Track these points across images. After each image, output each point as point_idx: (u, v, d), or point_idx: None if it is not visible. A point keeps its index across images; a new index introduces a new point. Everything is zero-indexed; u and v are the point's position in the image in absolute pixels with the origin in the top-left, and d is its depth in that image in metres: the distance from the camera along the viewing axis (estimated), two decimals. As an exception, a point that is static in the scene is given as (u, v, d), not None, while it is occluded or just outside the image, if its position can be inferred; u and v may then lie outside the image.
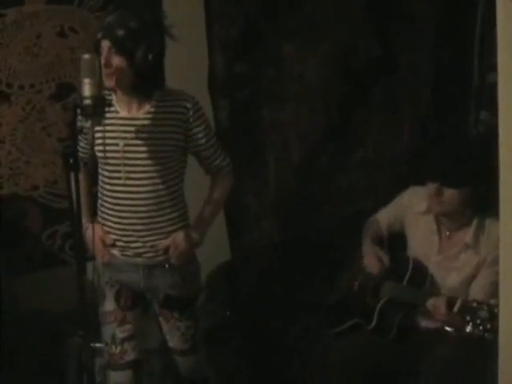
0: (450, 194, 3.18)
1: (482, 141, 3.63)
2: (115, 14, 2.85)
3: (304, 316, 3.88)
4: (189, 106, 2.93)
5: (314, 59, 4.22)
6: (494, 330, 2.61)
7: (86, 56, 2.58)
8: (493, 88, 2.17)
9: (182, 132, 2.93)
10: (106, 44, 2.80)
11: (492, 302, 2.90)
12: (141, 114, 2.92)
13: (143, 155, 2.90)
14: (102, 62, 2.77)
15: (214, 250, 3.79)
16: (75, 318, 2.54)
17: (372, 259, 3.43)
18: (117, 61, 2.80)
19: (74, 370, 3.13)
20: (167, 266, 3.03)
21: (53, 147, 4.15)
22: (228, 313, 4.05)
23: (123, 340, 3.09)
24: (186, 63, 4.11)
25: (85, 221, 2.94)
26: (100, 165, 2.98)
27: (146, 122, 2.90)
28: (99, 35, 2.82)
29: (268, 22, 4.22)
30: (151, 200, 2.93)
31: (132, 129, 2.90)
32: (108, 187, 2.98)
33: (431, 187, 3.20)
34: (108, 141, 2.88)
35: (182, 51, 3.65)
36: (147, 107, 2.92)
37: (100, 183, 3.02)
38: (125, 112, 2.93)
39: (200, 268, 3.22)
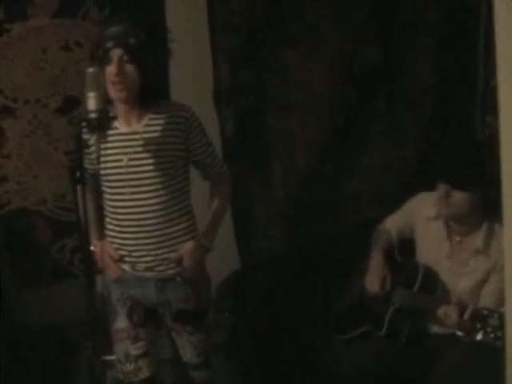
0: (458, 196, 3.17)
1: (489, 145, 3.61)
2: (120, 25, 2.86)
3: (315, 324, 3.87)
4: (187, 115, 2.93)
5: (318, 67, 4.21)
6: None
7: (91, 69, 2.58)
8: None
9: (182, 142, 2.94)
10: (117, 53, 2.79)
11: (503, 309, 2.89)
12: (141, 128, 2.92)
13: (147, 168, 2.89)
14: (114, 70, 2.78)
15: (223, 260, 3.79)
16: (86, 330, 2.54)
17: (375, 278, 3.40)
18: (129, 69, 2.80)
19: (85, 383, 3.13)
20: (179, 279, 3.02)
21: (60, 161, 4.16)
22: (227, 313, 4.04)
23: (137, 357, 3.06)
24: (191, 74, 4.13)
25: (93, 237, 2.95)
26: (103, 182, 2.97)
27: (147, 135, 2.90)
28: (109, 44, 2.80)
29: (271, 30, 4.22)
30: (159, 212, 2.92)
31: (134, 143, 2.89)
32: (112, 203, 2.97)
33: (440, 190, 3.20)
34: (110, 158, 2.87)
35: (186, 62, 3.68)
36: (146, 120, 2.92)
37: (105, 201, 3.01)
38: (124, 127, 2.93)
39: (211, 280, 3.21)
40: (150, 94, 2.90)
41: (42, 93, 4.09)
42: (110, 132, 2.80)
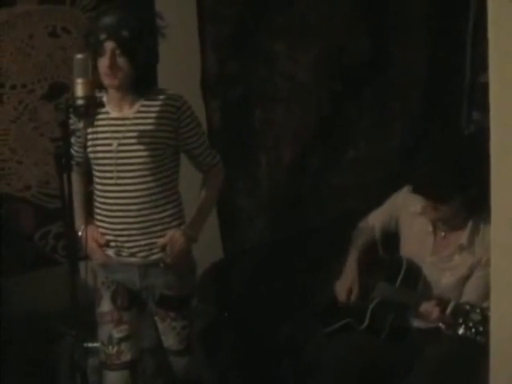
0: (444, 206, 3.18)
1: (473, 141, 3.61)
2: (114, 14, 2.86)
3: (296, 315, 3.88)
4: (178, 104, 2.95)
5: (306, 58, 4.22)
6: (487, 333, 2.61)
7: (79, 56, 2.58)
8: (485, 88, 2.17)
9: (173, 131, 2.95)
10: (110, 45, 2.81)
11: (485, 304, 2.91)
12: (131, 114, 2.94)
13: (135, 154, 2.92)
14: (107, 63, 2.80)
15: (207, 250, 3.79)
16: (68, 318, 2.54)
17: (344, 285, 3.41)
18: (121, 62, 2.82)
19: (66, 370, 3.12)
20: (162, 265, 3.04)
21: (45, 147, 4.14)
22: (226, 314, 4.05)
23: (120, 340, 3.09)
24: (179, 63, 4.11)
25: (79, 222, 2.95)
26: (92, 166, 3.00)
27: (137, 122, 2.93)
28: (102, 37, 2.81)
29: (259, 21, 4.23)
30: (144, 199, 2.95)
31: (124, 128, 2.92)
32: (100, 187, 3.00)
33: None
34: (100, 141, 2.91)
35: (174, 51, 3.67)
36: (137, 106, 2.94)
37: (94, 184, 3.03)
38: (116, 112, 2.96)
39: (196, 267, 3.23)
40: (142, 81, 2.92)
41: (28, 78, 4.07)
42: (102, 116, 2.84)
